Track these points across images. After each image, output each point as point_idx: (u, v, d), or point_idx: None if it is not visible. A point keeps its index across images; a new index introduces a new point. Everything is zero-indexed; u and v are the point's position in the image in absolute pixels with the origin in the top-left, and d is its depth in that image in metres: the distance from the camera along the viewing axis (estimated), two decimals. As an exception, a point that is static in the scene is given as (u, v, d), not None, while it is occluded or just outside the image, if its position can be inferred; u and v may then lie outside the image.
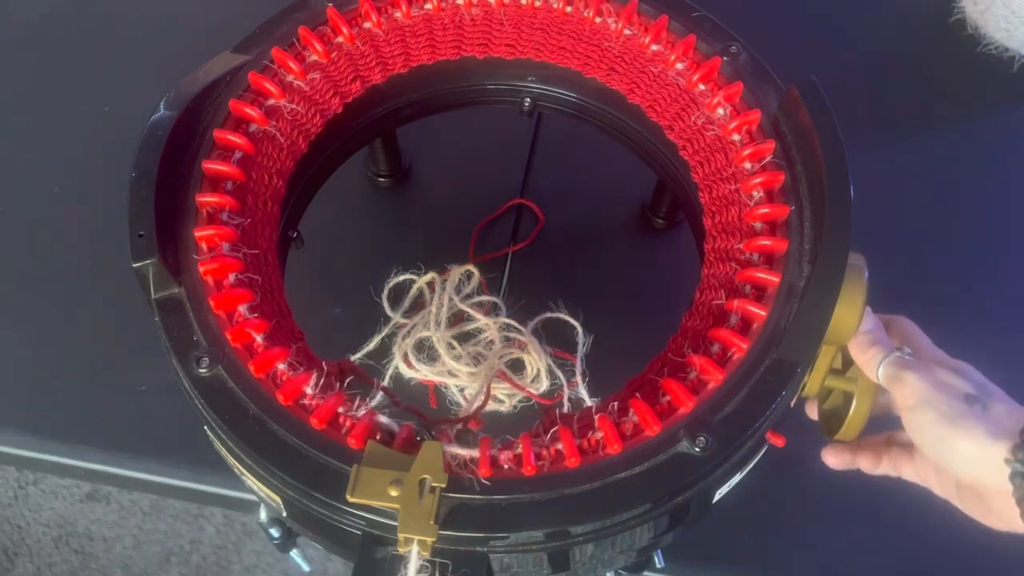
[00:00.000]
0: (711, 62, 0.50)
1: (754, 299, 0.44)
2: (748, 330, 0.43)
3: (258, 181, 0.49)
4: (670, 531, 0.44)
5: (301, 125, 0.53)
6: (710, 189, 0.51)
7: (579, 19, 0.54)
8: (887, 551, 0.63)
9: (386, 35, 0.55)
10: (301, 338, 0.45)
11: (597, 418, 0.40)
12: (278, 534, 0.58)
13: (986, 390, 0.40)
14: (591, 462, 0.39)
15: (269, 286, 0.46)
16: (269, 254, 0.48)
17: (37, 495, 1.40)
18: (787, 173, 0.47)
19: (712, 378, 0.41)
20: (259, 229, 0.48)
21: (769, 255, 0.45)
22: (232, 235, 0.45)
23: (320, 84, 0.53)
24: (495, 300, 0.70)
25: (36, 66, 0.90)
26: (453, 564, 0.38)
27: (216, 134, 0.48)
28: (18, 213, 0.80)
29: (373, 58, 0.55)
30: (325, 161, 0.60)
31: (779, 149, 0.48)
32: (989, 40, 0.87)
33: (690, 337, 0.46)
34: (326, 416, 0.40)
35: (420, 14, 0.55)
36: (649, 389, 0.43)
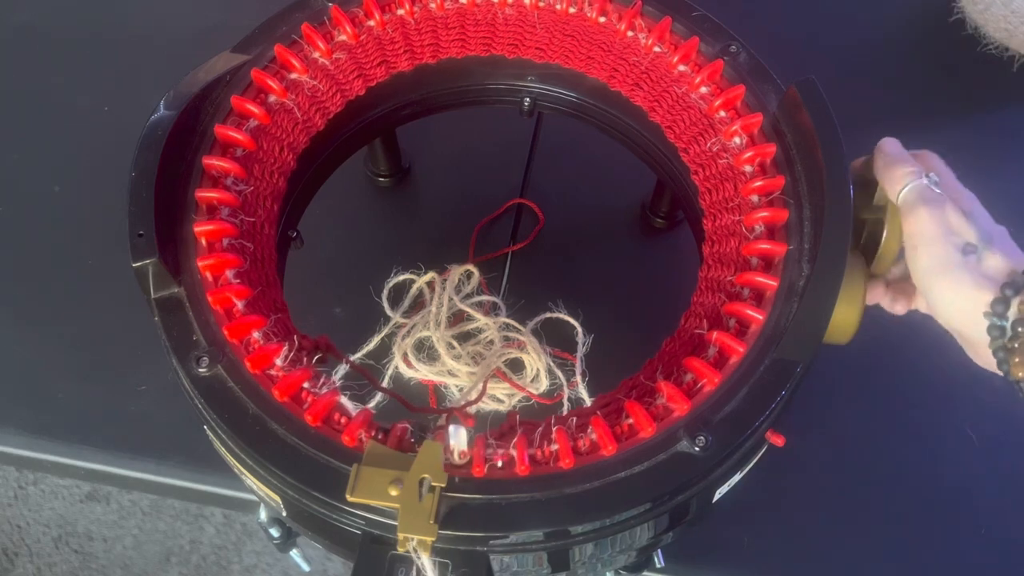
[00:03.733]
0: (735, 89, 0.49)
1: (752, 302, 0.44)
2: (746, 332, 0.43)
3: (260, 177, 0.49)
4: (670, 530, 0.44)
5: (321, 103, 0.53)
6: (710, 192, 0.51)
7: (611, 31, 0.54)
8: (887, 551, 0.63)
9: (417, 24, 0.55)
10: (293, 330, 0.45)
11: (591, 419, 0.40)
12: (278, 534, 0.58)
13: (988, 237, 0.41)
14: (590, 462, 0.39)
15: (266, 282, 0.46)
16: (268, 250, 0.48)
17: (37, 495, 1.40)
18: (787, 173, 0.47)
19: (709, 382, 0.41)
20: (258, 226, 0.48)
21: (768, 259, 0.45)
22: (231, 231, 0.45)
23: (346, 64, 0.53)
24: (495, 300, 0.70)
25: (36, 66, 0.90)
26: (453, 564, 0.38)
27: (217, 130, 0.48)
28: (18, 213, 0.80)
29: (402, 45, 0.56)
30: (325, 161, 0.60)
31: (779, 149, 0.48)
32: (989, 40, 0.87)
33: (684, 341, 0.46)
34: (321, 413, 0.40)
35: (454, 7, 0.55)
36: (644, 390, 0.43)
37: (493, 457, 0.39)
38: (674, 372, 0.43)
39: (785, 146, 0.48)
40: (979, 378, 0.44)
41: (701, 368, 0.41)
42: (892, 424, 0.67)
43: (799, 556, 0.63)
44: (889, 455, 0.66)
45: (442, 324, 0.68)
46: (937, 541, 0.63)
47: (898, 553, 0.63)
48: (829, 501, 0.65)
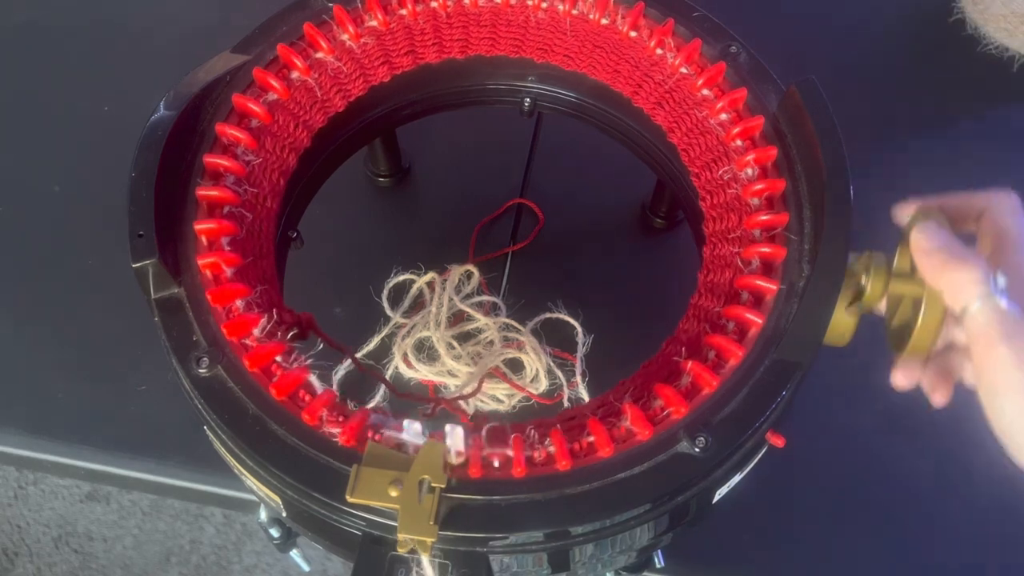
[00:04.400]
0: (754, 120, 0.48)
1: (752, 304, 0.44)
2: (745, 335, 0.43)
3: (260, 175, 0.49)
4: (670, 531, 0.44)
5: (342, 84, 0.53)
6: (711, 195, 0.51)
7: (641, 47, 0.53)
8: (887, 551, 0.63)
9: (449, 18, 0.55)
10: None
11: (588, 421, 0.40)
12: (278, 534, 0.58)
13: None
14: (590, 462, 0.39)
15: (264, 277, 0.46)
16: (267, 246, 0.48)
17: (37, 495, 1.40)
18: (786, 173, 0.47)
19: (706, 384, 0.41)
20: (258, 224, 0.48)
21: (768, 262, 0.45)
22: (232, 229, 0.45)
23: (373, 50, 0.53)
24: (495, 300, 0.70)
25: (36, 66, 0.90)
26: (453, 564, 0.38)
27: (218, 128, 0.48)
28: (18, 213, 0.80)
29: (431, 37, 0.56)
30: (325, 161, 0.60)
31: (778, 149, 0.48)
32: (989, 40, 0.87)
33: (686, 341, 0.46)
34: (353, 434, 0.40)
35: (488, 5, 0.55)
36: (643, 391, 0.43)
37: (489, 457, 0.39)
38: (670, 376, 0.43)
39: (785, 146, 0.48)
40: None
41: (699, 372, 0.41)
42: (892, 424, 0.67)
43: (799, 556, 0.63)
44: (889, 455, 0.66)
45: (442, 324, 0.68)
46: (937, 541, 0.63)
47: (898, 553, 0.63)
48: (829, 501, 0.65)
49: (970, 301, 0.34)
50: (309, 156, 0.55)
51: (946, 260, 0.35)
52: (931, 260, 0.35)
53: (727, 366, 0.42)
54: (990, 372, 0.34)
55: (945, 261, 0.35)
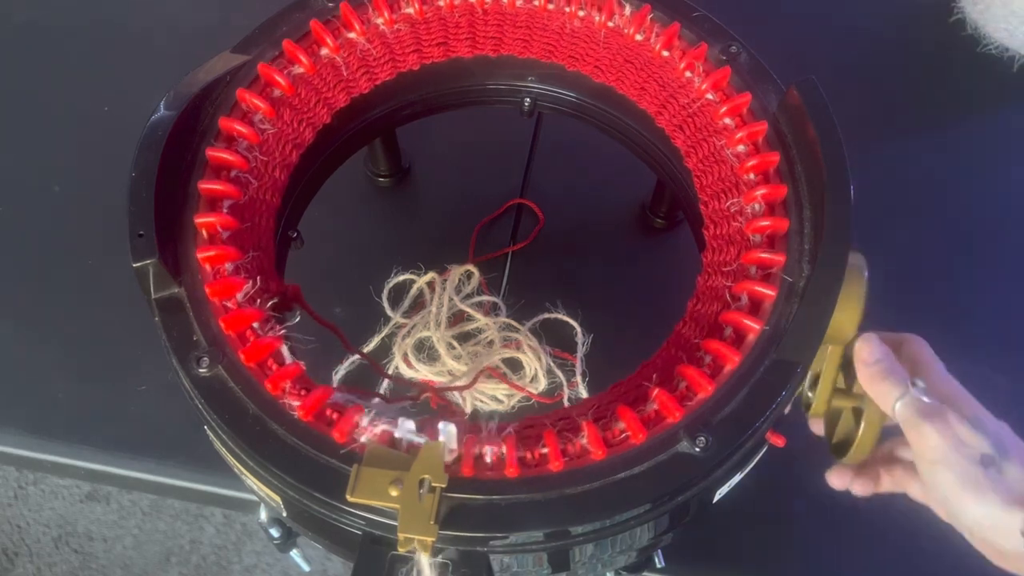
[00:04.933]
0: (770, 156, 0.48)
1: (755, 302, 0.44)
2: (743, 339, 0.43)
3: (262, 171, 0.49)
4: (670, 531, 0.44)
5: (370, 67, 0.53)
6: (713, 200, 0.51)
7: (672, 67, 0.52)
8: (887, 551, 0.63)
9: (485, 14, 0.56)
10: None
11: (584, 424, 0.40)
12: (278, 534, 0.58)
13: (1003, 446, 0.40)
14: (590, 462, 0.39)
15: (258, 245, 0.47)
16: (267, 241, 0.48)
17: (37, 495, 1.40)
18: (786, 173, 0.47)
19: (702, 390, 0.41)
20: (259, 221, 0.48)
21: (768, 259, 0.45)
22: (231, 223, 0.45)
23: (405, 36, 0.54)
24: (495, 300, 0.70)
25: (36, 66, 0.90)
26: (453, 564, 0.38)
27: (222, 122, 0.48)
28: (18, 213, 0.80)
29: (466, 31, 0.56)
30: (325, 161, 0.60)
31: (778, 148, 0.48)
32: (989, 40, 0.87)
33: (682, 345, 0.46)
34: (312, 409, 0.40)
35: (526, 7, 0.55)
36: (639, 394, 0.43)
37: (483, 456, 0.39)
38: (671, 378, 0.43)
39: (785, 146, 0.48)
40: (979, 379, 0.44)
41: (695, 376, 0.41)
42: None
43: (799, 556, 0.63)
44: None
45: (442, 324, 0.68)
46: (937, 541, 0.63)
47: (898, 553, 0.63)
48: (829, 501, 0.65)
49: (895, 400, 0.41)
50: (309, 156, 0.55)
51: (881, 371, 0.42)
52: (869, 370, 0.42)
53: (723, 371, 0.42)
54: (919, 448, 0.41)
55: (880, 372, 0.42)
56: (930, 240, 0.78)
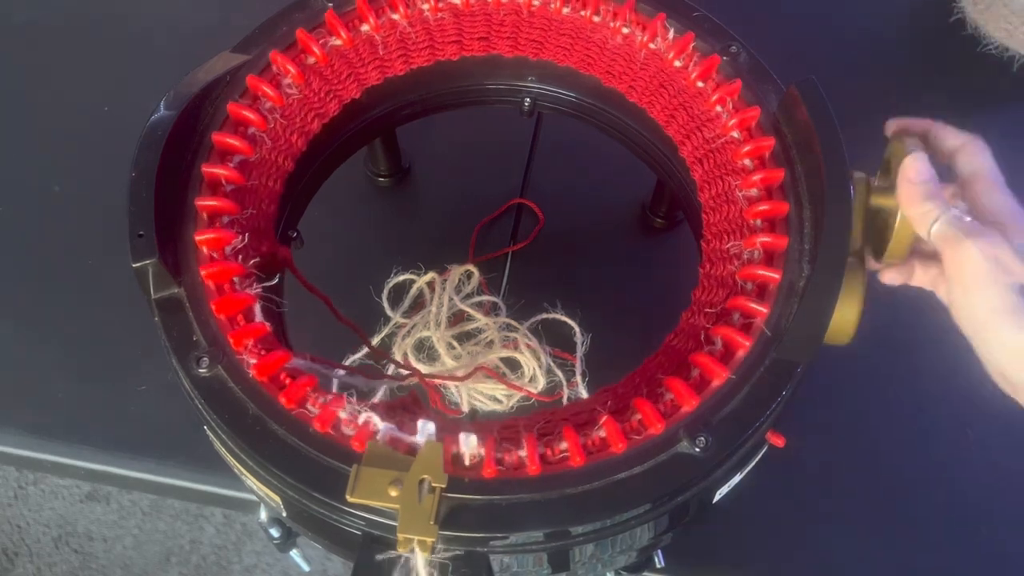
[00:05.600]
0: (776, 172, 0.47)
1: (754, 298, 0.44)
2: (749, 330, 0.43)
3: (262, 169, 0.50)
4: (670, 531, 0.44)
5: (357, 75, 0.53)
6: (711, 193, 0.51)
7: (704, 100, 0.52)
8: (888, 551, 0.63)
9: (531, 17, 0.56)
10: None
11: (604, 419, 0.40)
12: (278, 534, 0.58)
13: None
14: (591, 462, 0.39)
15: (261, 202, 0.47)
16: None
17: (37, 495, 1.40)
18: (787, 173, 0.47)
19: (716, 376, 0.41)
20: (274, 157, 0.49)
21: (769, 255, 0.45)
22: (231, 237, 0.45)
23: (447, 24, 0.54)
24: (495, 300, 0.70)
25: (36, 66, 0.90)
26: (453, 564, 0.38)
27: (230, 107, 0.48)
28: (18, 213, 0.80)
29: (509, 30, 0.56)
30: (325, 161, 0.60)
31: (779, 148, 0.48)
32: (989, 40, 0.87)
33: (688, 338, 0.45)
34: (266, 371, 0.40)
35: (571, 17, 0.55)
36: (650, 388, 0.43)
37: (503, 459, 0.39)
38: (658, 387, 0.43)
39: (785, 146, 0.48)
40: (978, 378, 0.44)
41: (708, 364, 0.41)
42: (892, 424, 0.67)
43: (799, 556, 0.63)
44: (889, 455, 0.66)
45: (442, 324, 0.68)
46: (937, 541, 0.63)
47: (898, 553, 0.63)
48: (829, 501, 0.65)
49: (932, 220, 0.39)
50: (309, 156, 0.55)
51: (920, 192, 0.40)
52: (910, 190, 0.40)
53: (735, 357, 0.42)
54: (954, 269, 0.38)
55: (919, 193, 0.40)
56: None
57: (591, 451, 0.40)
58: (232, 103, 0.49)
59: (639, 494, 0.38)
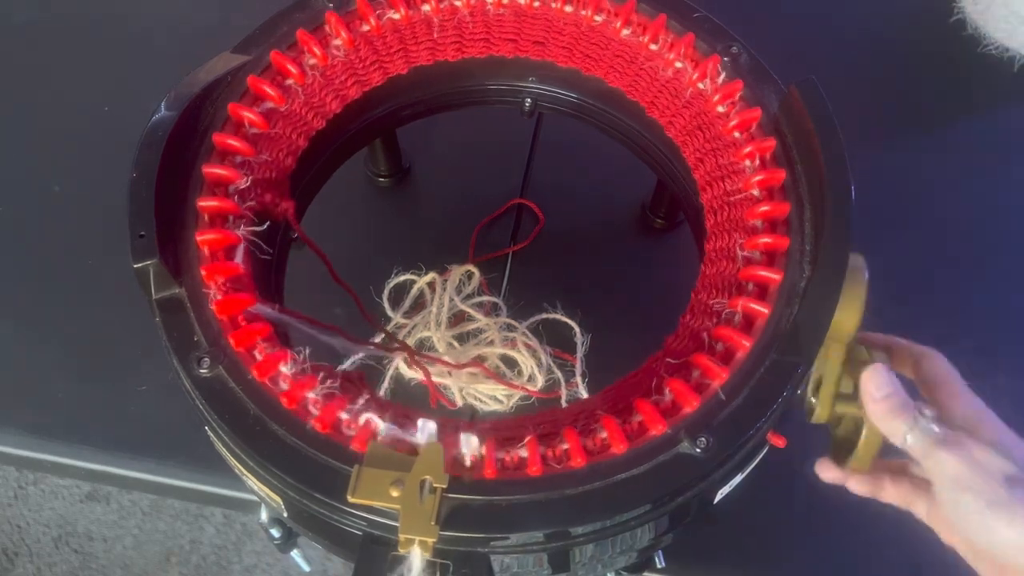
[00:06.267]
0: (767, 142, 0.48)
1: (756, 298, 0.44)
2: (750, 330, 0.43)
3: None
4: (671, 532, 0.44)
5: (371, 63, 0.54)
6: (713, 195, 0.51)
7: (735, 151, 0.51)
8: (887, 552, 0.63)
9: (533, 18, 0.56)
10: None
11: (602, 418, 0.40)
12: (278, 534, 0.58)
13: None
14: (591, 462, 0.39)
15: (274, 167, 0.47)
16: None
17: (37, 495, 1.40)
18: (787, 173, 0.47)
19: (687, 404, 0.41)
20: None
21: (770, 255, 0.45)
22: (232, 238, 0.45)
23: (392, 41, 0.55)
24: (495, 300, 0.70)
25: (36, 66, 0.90)
26: (454, 564, 0.38)
27: (231, 107, 0.49)
28: (18, 213, 0.80)
29: (540, 36, 0.57)
30: (325, 161, 0.60)
31: (779, 149, 0.48)
32: (989, 40, 0.87)
33: (689, 339, 0.45)
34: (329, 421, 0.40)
35: (573, 17, 0.55)
36: (649, 388, 0.43)
37: (504, 459, 0.39)
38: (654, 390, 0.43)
39: (785, 146, 0.48)
40: (979, 378, 0.44)
41: (707, 366, 0.41)
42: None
43: (799, 556, 0.63)
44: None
45: (442, 324, 0.68)
46: (938, 541, 0.63)
47: (898, 553, 0.63)
48: (829, 501, 0.65)
49: (905, 434, 0.40)
50: (309, 157, 0.55)
51: (889, 408, 0.40)
52: (877, 407, 0.41)
53: (735, 358, 0.42)
54: (937, 476, 0.39)
55: (888, 408, 0.40)
56: (930, 240, 0.78)
57: (592, 452, 0.40)
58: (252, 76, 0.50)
59: (640, 495, 0.38)
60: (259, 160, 0.49)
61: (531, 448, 0.39)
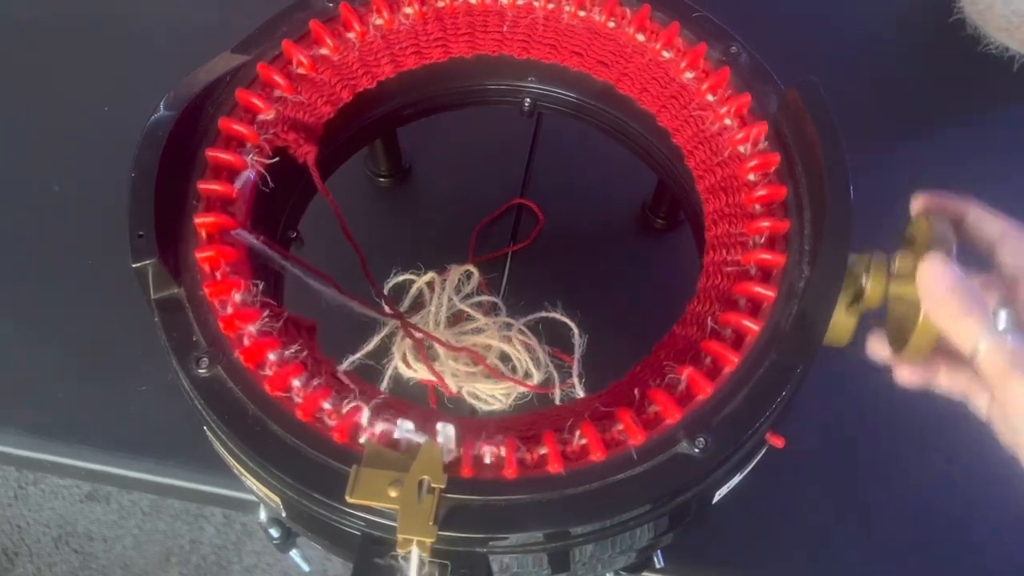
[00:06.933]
0: (773, 158, 0.47)
1: (753, 303, 0.44)
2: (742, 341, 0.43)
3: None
4: (670, 532, 0.44)
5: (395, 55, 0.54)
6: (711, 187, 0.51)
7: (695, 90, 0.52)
8: (887, 551, 0.63)
9: (545, 22, 0.56)
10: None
11: (580, 425, 0.40)
12: (278, 534, 0.58)
13: None
14: (590, 463, 0.39)
15: None
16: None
17: (37, 495, 1.40)
18: (787, 174, 0.47)
19: (700, 391, 0.41)
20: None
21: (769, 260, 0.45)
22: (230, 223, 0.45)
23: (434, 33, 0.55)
24: (495, 300, 0.70)
25: (36, 66, 0.90)
26: (453, 565, 0.38)
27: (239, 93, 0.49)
28: (18, 213, 0.80)
29: (549, 38, 0.57)
30: (325, 161, 0.60)
31: (779, 149, 0.48)
32: (989, 40, 0.87)
33: (687, 342, 0.46)
34: (311, 410, 0.40)
35: (586, 18, 0.55)
36: (640, 393, 0.43)
37: (483, 457, 0.39)
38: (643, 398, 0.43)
39: (785, 147, 0.48)
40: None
41: (694, 379, 0.41)
42: (892, 424, 0.67)
43: (799, 556, 0.63)
44: (889, 456, 0.66)
45: (441, 324, 0.68)
46: (937, 541, 0.63)
47: (898, 553, 0.63)
48: (829, 501, 0.65)
49: (977, 344, 0.33)
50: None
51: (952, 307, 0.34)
52: (937, 306, 0.35)
53: (723, 372, 0.42)
54: (1011, 406, 0.34)
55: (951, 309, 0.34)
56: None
57: (610, 444, 0.40)
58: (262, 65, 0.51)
59: (639, 495, 0.38)
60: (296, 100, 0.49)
61: (550, 445, 0.39)
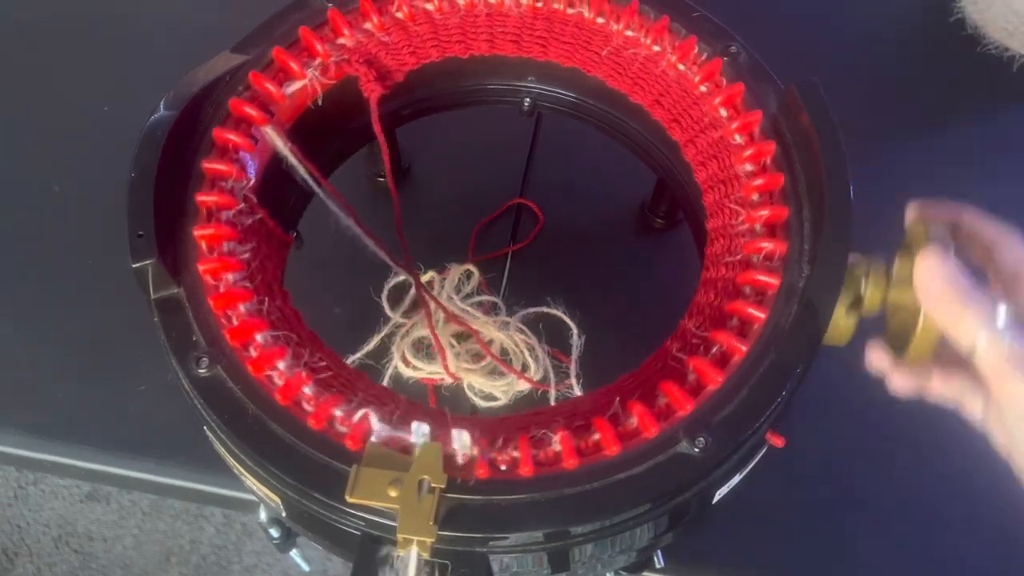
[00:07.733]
0: (768, 146, 0.47)
1: (754, 302, 0.44)
2: (747, 332, 0.43)
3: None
4: (670, 531, 0.44)
5: None
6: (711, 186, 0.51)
7: (683, 77, 0.52)
8: (887, 551, 0.63)
9: (561, 25, 0.56)
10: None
11: (628, 406, 0.40)
12: (278, 534, 0.58)
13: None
14: (590, 463, 0.39)
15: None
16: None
17: (37, 495, 1.40)
18: (786, 173, 0.47)
19: (711, 381, 0.41)
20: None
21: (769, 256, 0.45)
22: (231, 234, 0.45)
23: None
24: (495, 300, 0.70)
25: (36, 66, 0.90)
26: (453, 564, 0.38)
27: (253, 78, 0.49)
28: (18, 213, 0.80)
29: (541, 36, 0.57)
30: (325, 161, 0.60)
31: (778, 149, 0.48)
32: (989, 40, 0.87)
33: (688, 338, 0.45)
34: (323, 418, 0.40)
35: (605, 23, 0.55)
36: (646, 389, 0.43)
37: (496, 460, 0.39)
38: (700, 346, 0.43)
39: (785, 146, 0.48)
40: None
41: (703, 369, 0.41)
42: (892, 424, 0.67)
43: (799, 556, 0.63)
44: (889, 455, 0.66)
45: (440, 323, 0.68)
46: (937, 541, 0.63)
47: (898, 553, 0.63)
48: (829, 501, 0.65)
49: (976, 342, 0.33)
50: (309, 156, 0.55)
51: (950, 301, 0.34)
52: (935, 300, 0.35)
53: (731, 362, 0.42)
54: (1007, 406, 0.34)
55: (949, 305, 0.34)
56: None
57: (623, 438, 0.40)
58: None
59: (639, 494, 0.38)
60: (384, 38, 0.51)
61: (565, 443, 0.39)
